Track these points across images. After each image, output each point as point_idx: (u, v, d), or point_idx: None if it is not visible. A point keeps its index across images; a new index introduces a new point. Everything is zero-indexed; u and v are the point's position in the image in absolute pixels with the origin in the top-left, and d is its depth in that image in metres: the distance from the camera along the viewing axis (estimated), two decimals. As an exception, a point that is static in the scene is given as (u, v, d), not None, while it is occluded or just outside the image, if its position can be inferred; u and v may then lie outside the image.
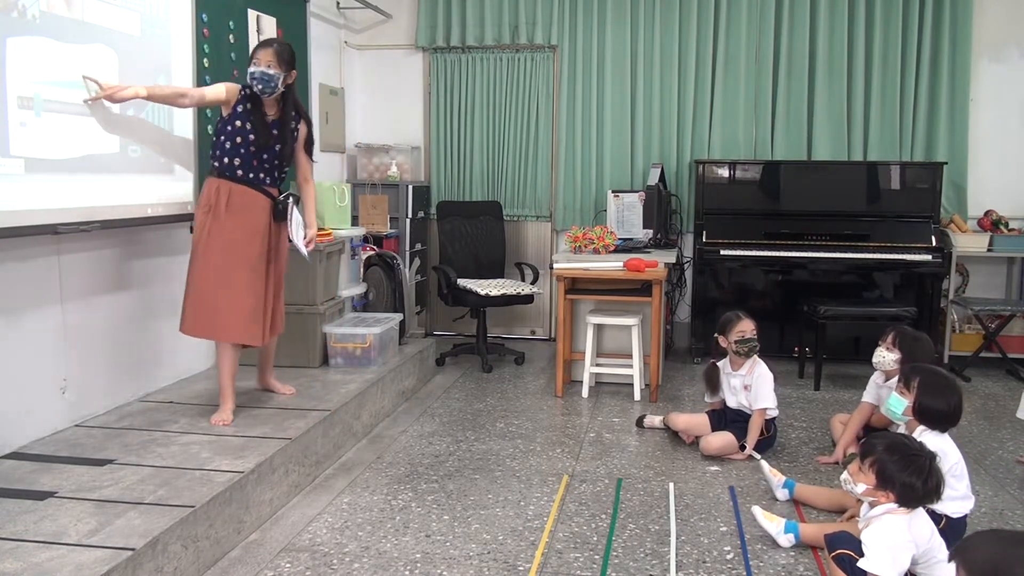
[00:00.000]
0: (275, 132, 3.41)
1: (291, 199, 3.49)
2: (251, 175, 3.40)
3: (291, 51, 3.41)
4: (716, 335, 3.81)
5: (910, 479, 2.28)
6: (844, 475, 2.45)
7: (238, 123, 3.36)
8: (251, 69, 3.31)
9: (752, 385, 3.64)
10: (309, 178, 3.68)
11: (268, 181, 3.46)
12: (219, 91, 3.37)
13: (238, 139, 3.35)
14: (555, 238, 6.16)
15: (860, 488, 2.37)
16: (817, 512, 3.07)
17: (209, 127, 3.95)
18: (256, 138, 3.36)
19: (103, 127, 3.21)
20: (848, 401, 4.49)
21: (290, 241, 3.53)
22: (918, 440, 2.58)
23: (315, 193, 3.74)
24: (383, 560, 2.63)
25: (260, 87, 3.32)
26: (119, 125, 3.31)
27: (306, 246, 3.57)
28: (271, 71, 3.30)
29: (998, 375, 5.23)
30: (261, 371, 3.79)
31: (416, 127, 6.29)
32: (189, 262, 3.39)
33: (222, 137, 3.37)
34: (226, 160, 3.36)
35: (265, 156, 3.41)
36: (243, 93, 3.39)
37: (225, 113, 3.40)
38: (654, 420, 4.01)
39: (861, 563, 2.27)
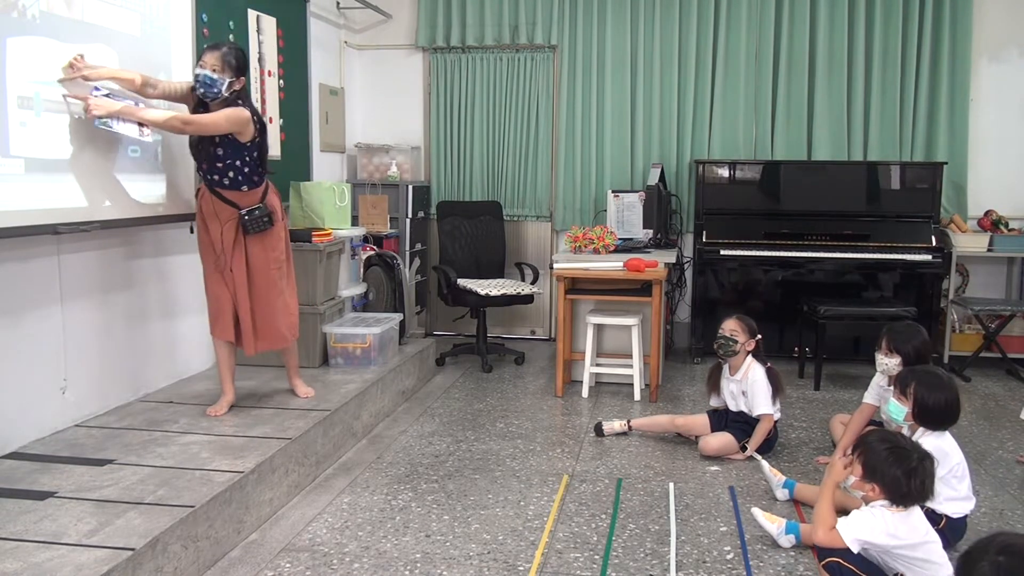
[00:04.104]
0: (215, 138, 3.20)
1: (258, 211, 3.33)
2: (208, 178, 3.31)
3: (241, 56, 3.24)
4: None
5: (894, 471, 2.29)
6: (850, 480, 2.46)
7: None
8: (196, 71, 3.20)
9: (748, 392, 3.64)
10: (190, 119, 3.18)
11: (227, 183, 3.28)
12: (182, 85, 3.36)
13: (194, 141, 3.31)
14: (555, 238, 6.15)
15: (851, 480, 2.40)
16: (817, 512, 3.07)
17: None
18: (199, 141, 3.25)
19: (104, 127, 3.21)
20: (848, 401, 4.49)
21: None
22: (916, 442, 2.59)
23: (176, 119, 3.15)
24: (383, 560, 2.63)
25: (203, 91, 3.18)
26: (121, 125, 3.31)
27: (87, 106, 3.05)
28: (214, 75, 3.15)
29: (998, 375, 5.23)
30: (288, 372, 3.80)
31: (416, 127, 6.29)
32: None
33: (193, 138, 3.33)
34: (195, 163, 3.42)
35: (207, 158, 3.26)
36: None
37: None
38: (613, 425, 3.92)
39: (837, 524, 2.35)
